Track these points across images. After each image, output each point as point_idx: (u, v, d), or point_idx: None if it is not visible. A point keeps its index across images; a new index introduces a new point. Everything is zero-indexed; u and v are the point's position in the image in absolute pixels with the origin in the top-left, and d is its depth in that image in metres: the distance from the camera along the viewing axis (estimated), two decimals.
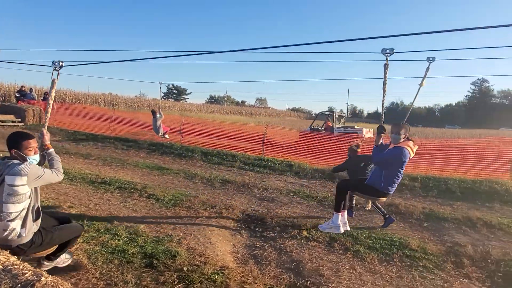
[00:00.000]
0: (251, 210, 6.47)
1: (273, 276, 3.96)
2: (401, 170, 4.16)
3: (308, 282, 3.84)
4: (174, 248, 4.31)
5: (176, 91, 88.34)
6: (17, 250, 2.81)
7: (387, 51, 4.09)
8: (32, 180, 2.77)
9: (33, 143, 2.96)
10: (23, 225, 2.82)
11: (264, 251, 4.69)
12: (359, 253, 4.72)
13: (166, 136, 13.31)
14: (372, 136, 16.36)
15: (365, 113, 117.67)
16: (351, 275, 4.13)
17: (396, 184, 4.34)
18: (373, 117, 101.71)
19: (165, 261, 3.91)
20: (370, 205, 4.76)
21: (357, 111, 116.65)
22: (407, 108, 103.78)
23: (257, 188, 8.17)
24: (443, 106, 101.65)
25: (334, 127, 16.94)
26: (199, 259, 4.06)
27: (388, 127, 5.25)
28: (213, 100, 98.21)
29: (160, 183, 8.19)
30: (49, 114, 4.19)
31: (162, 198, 6.63)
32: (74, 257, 3.80)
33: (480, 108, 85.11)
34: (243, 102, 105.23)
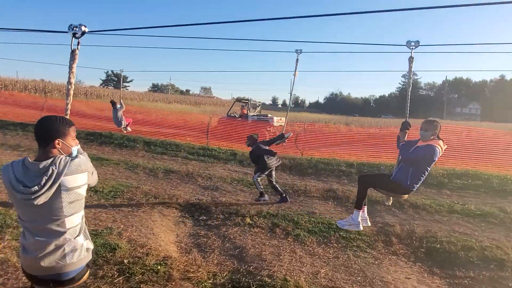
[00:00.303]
0: (195, 199, 6.45)
1: (217, 263, 4.02)
2: (428, 168, 3.96)
3: (251, 267, 3.96)
4: (114, 241, 4.17)
5: (116, 78, 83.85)
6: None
7: (412, 43, 3.91)
8: (91, 175, 2.06)
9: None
10: (86, 236, 2.10)
11: (208, 239, 4.72)
12: (299, 237, 4.94)
13: (129, 128, 12.65)
14: (282, 125, 17.07)
15: (307, 103, 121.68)
16: (291, 258, 4.32)
17: (421, 182, 4.10)
18: (314, 106, 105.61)
19: (104, 254, 3.78)
20: (391, 201, 4.59)
21: (299, 101, 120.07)
22: (346, 98, 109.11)
23: (201, 177, 8.14)
24: (378, 97, 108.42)
25: (248, 114, 17.38)
26: (141, 251, 3.98)
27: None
28: (156, 88, 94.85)
29: (99, 174, 7.75)
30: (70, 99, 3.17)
31: (101, 190, 6.35)
32: (2, 255, 3.53)
33: (410, 99, 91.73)
34: (187, 91, 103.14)
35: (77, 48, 3.03)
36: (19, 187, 1.79)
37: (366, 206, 4.49)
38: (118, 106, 12.12)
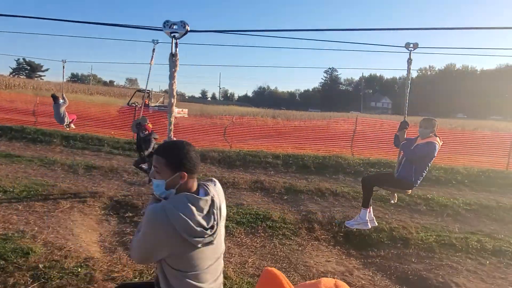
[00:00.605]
0: (120, 195, 6.16)
1: None
2: (429, 163, 4.17)
3: None
4: (27, 245, 3.81)
5: (29, 67, 75.19)
6: None
7: (411, 45, 3.88)
8: None
9: None
10: None
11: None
12: (228, 229, 5.01)
13: (72, 125, 11.37)
14: (184, 115, 17.39)
15: (236, 96, 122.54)
16: None
17: (424, 176, 4.28)
18: (243, 100, 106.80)
19: (15, 260, 3.44)
20: (396, 198, 4.69)
21: (228, 94, 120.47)
22: (273, 92, 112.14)
23: (127, 173, 7.79)
24: (302, 91, 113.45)
25: (150, 105, 17.39)
26: (58, 254, 3.70)
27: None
28: (75, 79, 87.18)
29: (9, 172, 7.04)
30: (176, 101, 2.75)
31: (11, 189, 5.74)
32: None
33: (331, 94, 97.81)
34: (111, 82, 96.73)
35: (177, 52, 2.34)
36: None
37: (372, 207, 4.57)
38: (61, 101, 10.85)
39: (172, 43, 2.29)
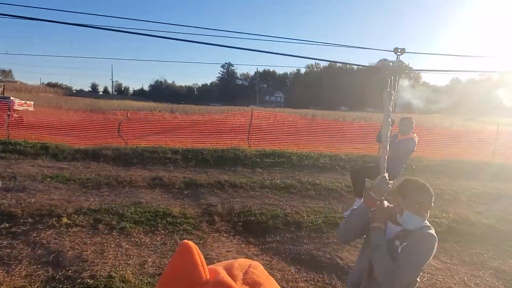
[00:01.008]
0: None
1: (25, 275, 3.51)
2: (409, 156, 4.61)
3: (70, 271, 3.63)
4: None
5: None
6: None
7: (399, 50, 4.04)
8: None
9: None
10: None
11: (13, 250, 4.05)
12: (125, 230, 4.80)
13: None
14: (29, 108, 16.57)
15: (131, 90, 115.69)
16: (116, 253, 4.17)
17: (404, 168, 4.75)
18: (139, 94, 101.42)
19: None
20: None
21: (123, 88, 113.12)
22: (171, 86, 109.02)
23: (1, 178, 6.79)
24: (201, 86, 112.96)
25: None
26: None
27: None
28: None
29: None
30: None
31: None
32: None
33: (229, 88, 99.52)
34: None
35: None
36: None
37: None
38: None
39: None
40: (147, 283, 3.50)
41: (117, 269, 3.75)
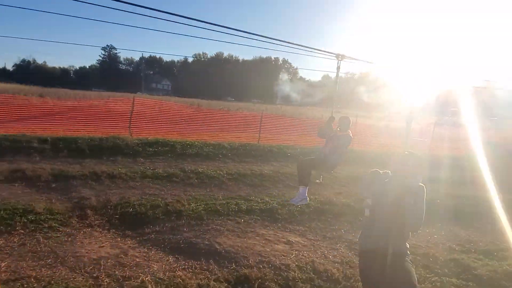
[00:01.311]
0: None
1: None
2: (347, 148, 5.21)
3: None
4: None
5: None
6: None
7: (340, 56, 5.18)
8: None
9: None
10: None
11: None
12: None
13: None
14: None
15: None
16: None
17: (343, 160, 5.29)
18: (1, 75, 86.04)
19: None
20: (322, 178, 5.52)
21: None
22: (41, 66, 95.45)
23: None
24: (78, 68, 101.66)
25: None
26: None
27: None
28: None
29: None
30: None
31: None
32: None
33: (111, 73, 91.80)
34: None
35: None
36: None
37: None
38: None
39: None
40: None
41: None
